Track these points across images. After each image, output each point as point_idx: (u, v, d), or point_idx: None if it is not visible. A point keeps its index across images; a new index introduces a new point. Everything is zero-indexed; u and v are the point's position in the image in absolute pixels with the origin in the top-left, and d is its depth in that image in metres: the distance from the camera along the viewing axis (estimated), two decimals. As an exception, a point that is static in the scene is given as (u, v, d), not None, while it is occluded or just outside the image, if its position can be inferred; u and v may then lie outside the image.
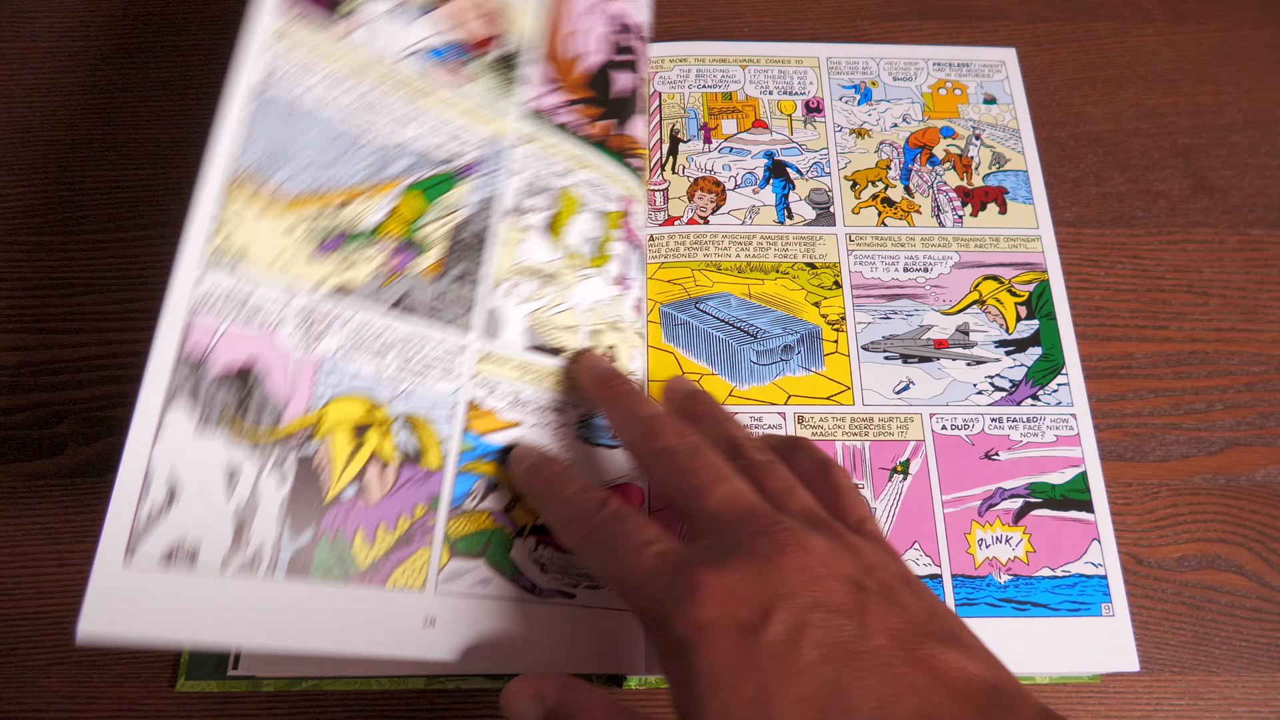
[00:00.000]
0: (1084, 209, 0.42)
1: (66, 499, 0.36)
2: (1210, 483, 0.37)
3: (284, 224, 0.27)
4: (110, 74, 0.45)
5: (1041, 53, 0.46)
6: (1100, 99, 0.45)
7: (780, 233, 0.39)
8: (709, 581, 0.22)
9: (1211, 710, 0.33)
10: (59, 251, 0.41)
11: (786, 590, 0.22)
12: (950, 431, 0.36)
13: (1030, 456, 0.35)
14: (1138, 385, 0.38)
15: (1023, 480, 0.35)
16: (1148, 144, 0.44)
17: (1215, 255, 0.41)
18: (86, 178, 0.43)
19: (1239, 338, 0.39)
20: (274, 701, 0.33)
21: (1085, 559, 0.34)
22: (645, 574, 0.24)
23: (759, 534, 0.23)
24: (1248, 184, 0.43)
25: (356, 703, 0.33)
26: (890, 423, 0.36)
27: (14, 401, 0.38)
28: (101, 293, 0.40)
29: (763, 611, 0.22)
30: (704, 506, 0.25)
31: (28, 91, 0.45)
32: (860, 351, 0.37)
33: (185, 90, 0.45)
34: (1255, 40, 0.46)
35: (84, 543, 0.35)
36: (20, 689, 0.33)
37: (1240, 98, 0.45)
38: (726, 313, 0.37)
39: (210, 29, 0.46)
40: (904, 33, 0.46)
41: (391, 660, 0.26)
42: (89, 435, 0.37)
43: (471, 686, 0.33)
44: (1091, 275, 0.40)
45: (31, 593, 0.35)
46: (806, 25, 0.47)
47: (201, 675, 0.33)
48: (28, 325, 0.39)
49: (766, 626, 0.21)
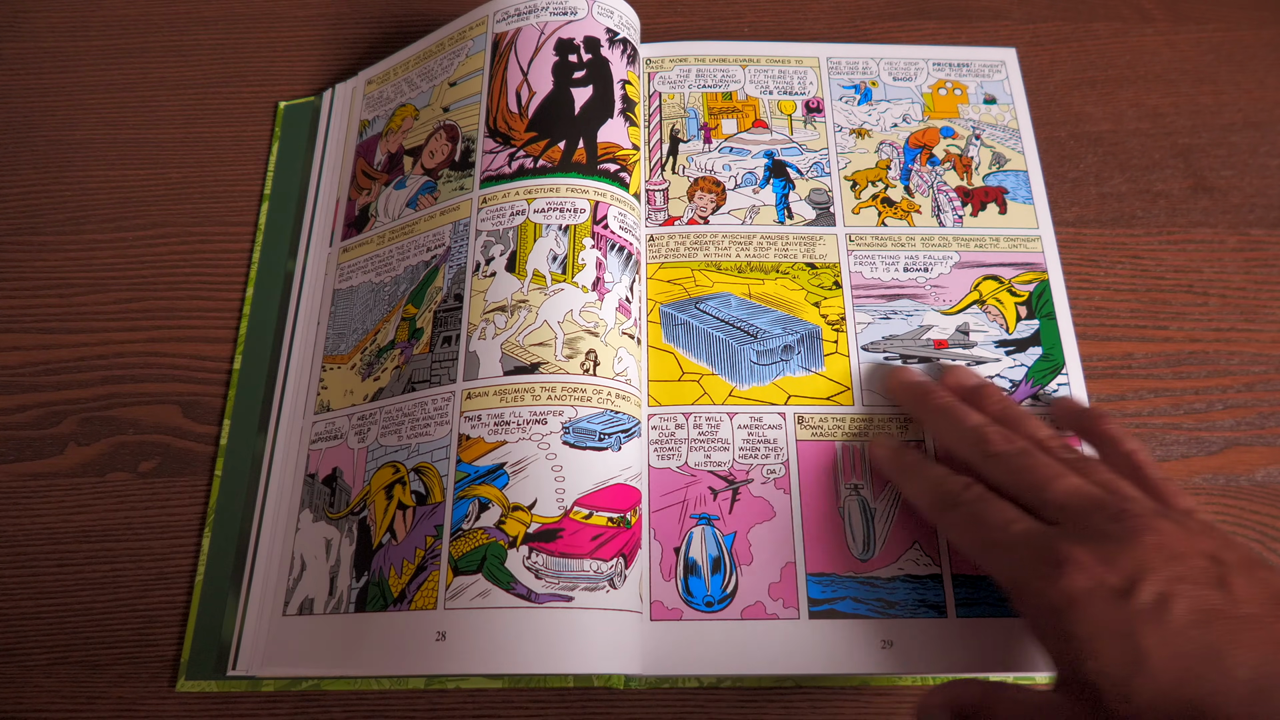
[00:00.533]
0: (1084, 209, 0.42)
1: (66, 499, 0.36)
2: (1210, 483, 0.37)
3: (347, 368, 0.37)
4: (110, 74, 0.45)
5: (1041, 53, 0.46)
6: (1100, 99, 0.45)
7: (780, 233, 0.39)
8: (1076, 554, 0.24)
9: (1211, 710, 0.33)
10: (59, 251, 0.41)
11: (1150, 565, 0.24)
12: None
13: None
14: (1138, 385, 0.38)
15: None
16: (1148, 144, 0.44)
17: (1215, 255, 0.41)
18: (86, 178, 0.43)
19: (1239, 338, 0.39)
20: (274, 701, 0.33)
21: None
22: (1014, 544, 0.26)
23: (1111, 519, 0.25)
24: (1248, 184, 0.43)
25: (356, 703, 0.33)
26: (890, 423, 0.36)
27: (14, 401, 0.38)
28: (101, 293, 0.40)
29: (1131, 581, 0.23)
30: (1050, 498, 0.27)
31: (28, 91, 0.45)
32: (860, 351, 0.37)
33: (185, 90, 0.45)
34: (1255, 40, 0.46)
35: (84, 543, 0.35)
36: (20, 689, 0.33)
37: (1240, 98, 0.45)
38: (727, 313, 0.37)
39: (210, 29, 0.46)
40: (904, 33, 0.46)
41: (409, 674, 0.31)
42: (89, 435, 0.37)
43: (471, 686, 0.33)
44: (1091, 275, 0.40)
45: (31, 593, 0.35)
46: (806, 25, 0.47)
47: (201, 675, 0.33)
48: (28, 325, 0.39)
49: (1137, 594, 0.23)
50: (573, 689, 0.33)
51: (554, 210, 0.35)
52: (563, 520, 0.31)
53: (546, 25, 0.38)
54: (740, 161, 0.41)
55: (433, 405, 0.33)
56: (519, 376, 0.33)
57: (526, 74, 0.38)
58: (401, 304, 0.36)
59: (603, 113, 0.37)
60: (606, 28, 0.38)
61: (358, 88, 0.44)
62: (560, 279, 0.34)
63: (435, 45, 0.41)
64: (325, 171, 0.42)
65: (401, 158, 0.40)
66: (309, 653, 0.32)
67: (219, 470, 0.36)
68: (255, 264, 0.40)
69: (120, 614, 0.34)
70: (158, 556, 0.35)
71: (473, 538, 0.31)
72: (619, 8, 0.39)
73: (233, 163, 0.43)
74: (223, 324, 0.39)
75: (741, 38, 0.46)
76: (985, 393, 0.34)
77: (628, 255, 0.36)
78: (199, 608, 0.34)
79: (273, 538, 0.35)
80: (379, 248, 0.39)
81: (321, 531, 0.34)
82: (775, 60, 0.43)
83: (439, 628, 0.30)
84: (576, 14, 0.38)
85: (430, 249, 0.37)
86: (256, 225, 0.41)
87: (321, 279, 0.40)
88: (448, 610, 0.30)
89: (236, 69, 0.45)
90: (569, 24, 0.38)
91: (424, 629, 0.30)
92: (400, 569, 0.31)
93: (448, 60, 0.41)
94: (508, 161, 0.36)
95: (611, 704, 0.33)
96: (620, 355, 0.34)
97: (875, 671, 0.31)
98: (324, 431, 0.36)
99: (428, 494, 0.32)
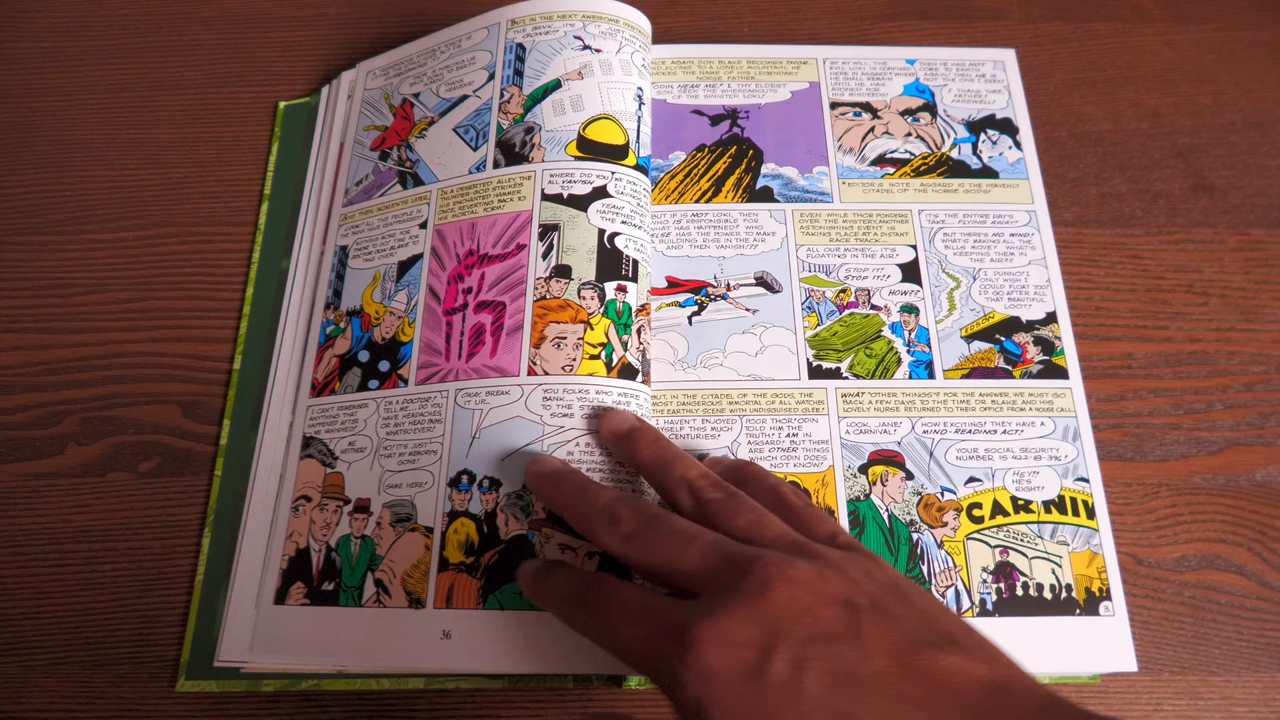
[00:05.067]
0: (1084, 209, 0.42)
1: (66, 499, 0.36)
2: (1210, 483, 0.37)
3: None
4: (110, 74, 0.45)
5: (1041, 53, 0.46)
6: (1100, 99, 0.45)
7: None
8: (705, 632, 0.23)
9: (1211, 710, 0.33)
10: (59, 251, 0.41)
11: (781, 627, 0.22)
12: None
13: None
14: (1138, 385, 0.38)
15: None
16: (1148, 144, 0.44)
17: (1215, 255, 0.41)
18: (86, 177, 0.43)
19: (1239, 338, 0.39)
20: (274, 701, 0.33)
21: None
22: (646, 640, 0.24)
23: (743, 575, 0.24)
24: (1248, 184, 0.43)
25: (356, 703, 0.33)
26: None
27: (14, 401, 0.38)
28: (101, 293, 0.40)
29: (763, 652, 0.22)
30: (685, 571, 0.25)
31: (28, 91, 0.45)
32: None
33: (185, 90, 0.45)
34: (1255, 40, 0.46)
35: (84, 543, 0.35)
36: (20, 689, 0.33)
37: (1240, 98, 0.45)
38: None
39: (210, 29, 0.46)
40: (904, 33, 0.46)
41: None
42: (89, 435, 0.37)
43: (471, 686, 0.33)
44: (1091, 275, 0.40)
45: (31, 593, 0.35)
46: (806, 25, 0.47)
47: (201, 675, 0.33)
48: (28, 325, 0.39)
49: (769, 667, 0.22)
50: (572, 689, 0.33)
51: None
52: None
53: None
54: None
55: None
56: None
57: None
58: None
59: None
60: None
61: (358, 80, 0.44)
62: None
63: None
64: (324, 169, 0.42)
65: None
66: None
67: (219, 470, 0.36)
68: (255, 264, 0.40)
69: (120, 614, 0.34)
70: (158, 556, 0.35)
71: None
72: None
73: (233, 163, 0.43)
74: (223, 324, 0.39)
75: (741, 38, 0.46)
76: (638, 440, 0.31)
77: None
78: (199, 608, 0.34)
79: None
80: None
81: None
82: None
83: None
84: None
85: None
86: (256, 225, 0.41)
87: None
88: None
89: (236, 69, 0.45)
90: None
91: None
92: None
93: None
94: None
95: (612, 704, 0.33)
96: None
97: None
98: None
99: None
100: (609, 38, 0.39)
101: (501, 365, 0.34)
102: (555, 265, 0.35)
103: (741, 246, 0.39)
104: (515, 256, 0.35)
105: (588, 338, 0.34)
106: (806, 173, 0.41)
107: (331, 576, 0.33)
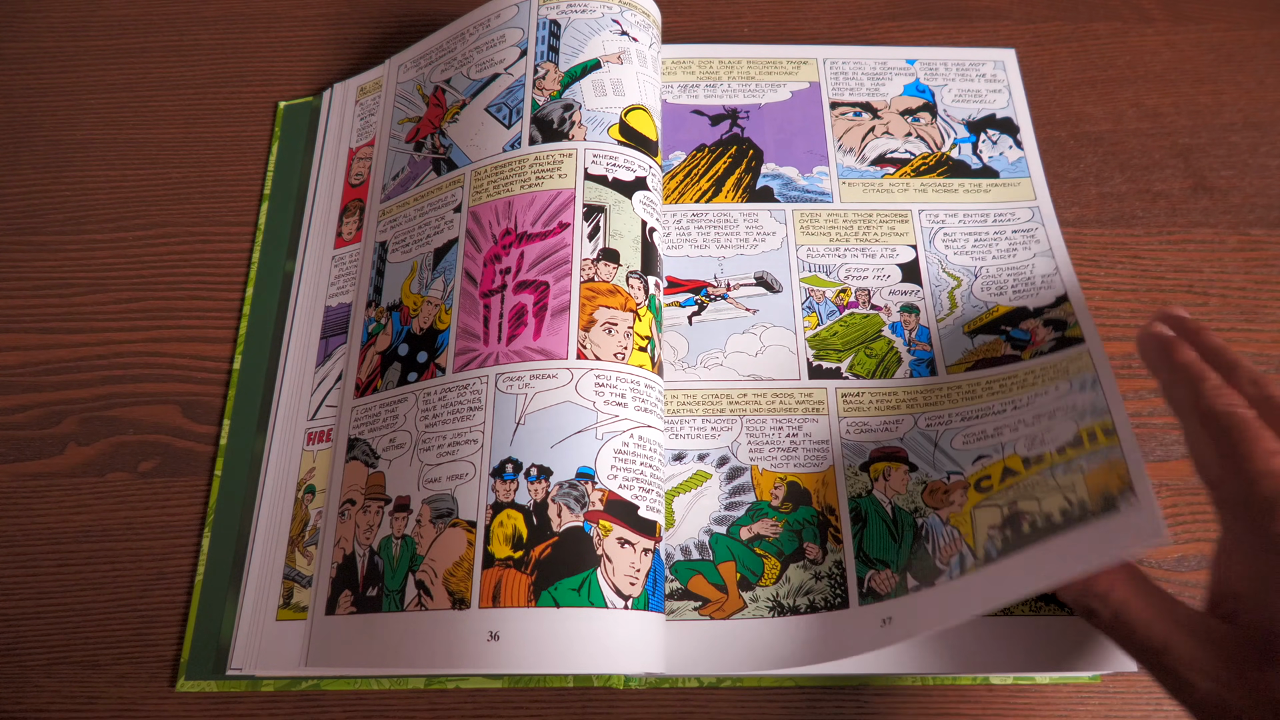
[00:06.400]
0: (1084, 209, 0.42)
1: (66, 499, 0.36)
2: (1210, 483, 0.37)
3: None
4: (110, 74, 0.45)
5: (1041, 53, 0.46)
6: (1100, 99, 0.45)
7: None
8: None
9: (1211, 710, 0.33)
10: (59, 251, 0.41)
11: None
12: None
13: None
14: (1138, 385, 0.38)
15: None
16: (1148, 144, 0.44)
17: (1215, 255, 0.41)
18: (86, 177, 0.43)
19: (1239, 338, 0.39)
20: (274, 701, 0.33)
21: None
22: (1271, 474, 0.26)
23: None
24: (1248, 184, 0.43)
25: (356, 703, 0.33)
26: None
27: (14, 401, 0.38)
28: (101, 293, 0.40)
29: None
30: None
31: (28, 91, 0.45)
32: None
33: (185, 90, 0.45)
34: (1255, 40, 0.46)
35: (84, 543, 0.35)
36: (20, 689, 0.33)
37: (1240, 98, 0.45)
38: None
39: (210, 29, 0.46)
40: (904, 33, 0.46)
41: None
42: (89, 435, 0.37)
43: (471, 686, 0.33)
44: (1091, 275, 0.40)
45: (31, 593, 0.35)
46: (806, 25, 0.47)
47: (201, 675, 0.33)
48: (28, 325, 0.39)
49: None
50: (572, 689, 0.33)
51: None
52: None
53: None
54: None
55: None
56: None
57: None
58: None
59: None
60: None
61: (350, 89, 0.44)
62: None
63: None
64: (324, 171, 0.42)
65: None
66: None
67: (219, 470, 0.36)
68: (255, 264, 0.40)
69: (120, 614, 0.34)
70: (158, 556, 0.35)
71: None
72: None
73: (233, 163, 0.43)
74: (223, 324, 0.39)
75: (742, 38, 0.46)
76: (1194, 325, 0.32)
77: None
78: (198, 608, 0.34)
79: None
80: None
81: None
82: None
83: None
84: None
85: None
86: (256, 225, 0.41)
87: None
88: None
89: (236, 69, 0.45)
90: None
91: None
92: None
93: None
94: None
95: (612, 704, 0.33)
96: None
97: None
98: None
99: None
100: (643, 29, 0.39)
101: (547, 348, 0.32)
102: (603, 248, 0.34)
103: (741, 246, 0.39)
104: (558, 235, 0.34)
105: (636, 328, 0.33)
106: (806, 173, 0.41)
107: (375, 581, 0.31)
